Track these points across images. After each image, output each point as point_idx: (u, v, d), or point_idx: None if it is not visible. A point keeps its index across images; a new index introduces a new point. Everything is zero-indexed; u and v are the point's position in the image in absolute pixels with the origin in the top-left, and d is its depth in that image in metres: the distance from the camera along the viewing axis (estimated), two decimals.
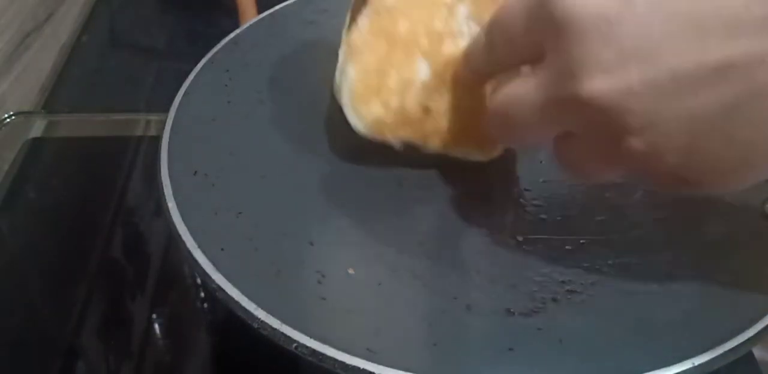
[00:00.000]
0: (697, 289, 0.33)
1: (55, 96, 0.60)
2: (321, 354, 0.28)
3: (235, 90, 0.42)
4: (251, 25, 0.45)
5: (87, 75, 0.63)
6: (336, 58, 0.38)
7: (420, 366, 0.28)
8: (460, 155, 0.39)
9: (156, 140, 0.37)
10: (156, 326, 0.42)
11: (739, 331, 0.29)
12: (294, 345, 0.28)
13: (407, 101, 0.37)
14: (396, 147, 0.38)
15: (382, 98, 0.37)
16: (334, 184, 0.40)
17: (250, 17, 0.51)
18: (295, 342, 0.28)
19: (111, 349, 0.40)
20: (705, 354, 0.28)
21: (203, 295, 0.43)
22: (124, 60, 0.66)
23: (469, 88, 0.36)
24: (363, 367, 0.28)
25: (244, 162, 0.39)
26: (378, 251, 0.38)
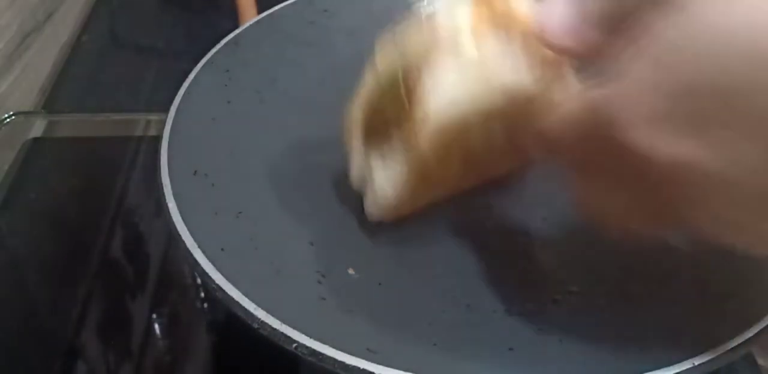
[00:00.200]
0: (697, 289, 0.34)
1: (55, 96, 0.60)
2: (321, 354, 0.28)
3: (235, 90, 0.42)
4: (251, 25, 0.44)
5: (87, 75, 0.63)
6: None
7: (420, 366, 0.28)
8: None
9: (156, 140, 0.37)
10: (156, 326, 0.42)
11: (739, 331, 0.29)
12: (294, 345, 0.28)
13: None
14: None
15: (415, 202, 0.36)
16: (334, 184, 0.40)
17: (250, 17, 0.51)
18: (295, 342, 0.28)
19: (111, 349, 0.40)
20: (705, 354, 0.28)
21: (203, 295, 0.43)
22: (124, 60, 0.66)
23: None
24: (363, 367, 0.28)
25: (244, 162, 0.39)
26: (378, 251, 0.38)
